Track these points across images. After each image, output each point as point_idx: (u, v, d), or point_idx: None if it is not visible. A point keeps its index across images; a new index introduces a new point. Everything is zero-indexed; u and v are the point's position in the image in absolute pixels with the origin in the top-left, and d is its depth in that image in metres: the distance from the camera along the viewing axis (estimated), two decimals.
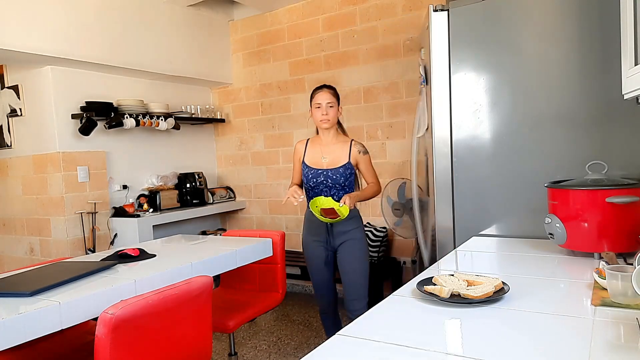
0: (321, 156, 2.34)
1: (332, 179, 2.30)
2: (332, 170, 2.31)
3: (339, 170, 2.31)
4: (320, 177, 2.31)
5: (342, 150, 2.35)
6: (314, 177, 2.31)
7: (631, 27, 1.21)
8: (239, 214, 4.64)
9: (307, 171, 2.34)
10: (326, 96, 2.30)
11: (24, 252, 3.69)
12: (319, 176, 2.31)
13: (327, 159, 2.34)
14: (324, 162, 2.34)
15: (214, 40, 4.39)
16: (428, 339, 0.87)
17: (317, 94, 2.32)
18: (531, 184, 1.75)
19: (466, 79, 1.89)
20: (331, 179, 2.30)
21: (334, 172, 2.30)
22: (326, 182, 2.30)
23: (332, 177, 2.30)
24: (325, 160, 2.34)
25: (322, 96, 2.30)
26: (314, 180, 2.31)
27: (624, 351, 0.79)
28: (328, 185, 2.30)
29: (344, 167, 2.31)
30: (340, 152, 2.34)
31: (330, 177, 2.30)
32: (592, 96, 1.66)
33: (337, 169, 2.31)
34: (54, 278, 1.65)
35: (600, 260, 1.35)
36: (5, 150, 3.69)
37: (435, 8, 1.93)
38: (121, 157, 3.80)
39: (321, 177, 2.31)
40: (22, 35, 2.93)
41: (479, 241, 1.78)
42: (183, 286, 1.56)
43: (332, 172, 2.31)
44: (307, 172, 2.34)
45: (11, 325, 1.31)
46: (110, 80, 3.71)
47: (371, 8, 3.76)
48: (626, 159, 1.60)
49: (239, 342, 3.21)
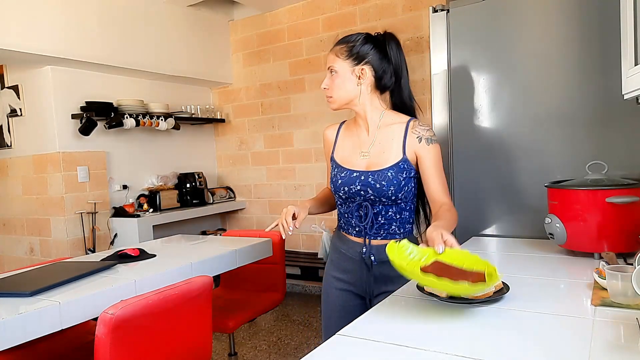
0: (359, 150, 1.49)
1: (376, 189, 1.40)
2: (376, 174, 1.41)
3: (387, 173, 1.40)
4: (355, 185, 1.43)
5: (394, 139, 1.44)
6: (347, 184, 1.45)
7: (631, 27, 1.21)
8: (239, 214, 4.64)
9: (337, 173, 1.49)
10: (331, 57, 1.46)
11: (24, 252, 3.69)
12: (353, 182, 1.44)
13: (367, 154, 1.47)
14: (362, 160, 1.47)
15: (214, 40, 4.39)
16: (428, 339, 0.87)
17: None
18: (531, 184, 1.75)
19: (466, 79, 1.89)
20: (373, 189, 1.41)
21: (378, 177, 1.41)
22: (365, 192, 1.42)
23: (374, 185, 1.41)
24: (364, 157, 1.47)
25: (328, 56, 1.48)
26: (346, 188, 1.45)
27: (624, 351, 0.79)
28: (369, 198, 1.42)
29: (397, 168, 1.41)
30: (391, 142, 1.44)
31: (372, 186, 1.41)
32: (592, 96, 1.65)
33: (384, 171, 1.41)
34: (54, 278, 1.65)
35: (600, 260, 1.34)
36: (5, 150, 3.69)
37: (435, 8, 1.93)
38: (121, 157, 3.80)
39: (357, 185, 1.43)
40: (22, 35, 2.93)
41: (479, 241, 1.78)
42: (183, 286, 1.56)
43: (374, 177, 1.41)
44: (337, 175, 1.48)
45: (11, 325, 1.31)
46: (110, 80, 3.71)
47: (371, 8, 3.76)
48: (626, 159, 1.60)
49: (239, 342, 3.21)
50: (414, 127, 1.43)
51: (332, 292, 1.55)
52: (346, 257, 1.51)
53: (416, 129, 1.43)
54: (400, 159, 1.41)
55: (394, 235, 1.44)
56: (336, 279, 1.54)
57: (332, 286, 1.55)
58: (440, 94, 1.95)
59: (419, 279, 1.00)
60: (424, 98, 3.56)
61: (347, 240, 1.51)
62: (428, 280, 0.97)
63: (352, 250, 1.49)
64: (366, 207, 1.44)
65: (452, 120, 1.93)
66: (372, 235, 1.45)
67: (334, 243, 1.59)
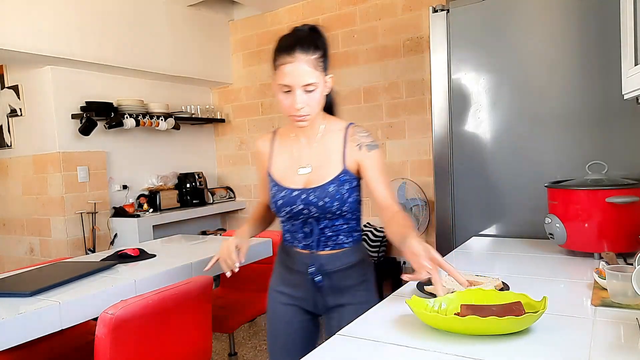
0: (297, 165, 1.35)
1: (319, 207, 1.30)
2: (317, 191, 1.30)
3: (328, 189, 1.29)
4: (297, 204, 1.31)
5: (332, 150, 1.33)
6: (288, 204, 1.32)
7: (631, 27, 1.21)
8: (239, 214, 4.64)
9: (276, 192, 1.35)
10: (300, 69, 1.20)
11: (24, 252, 3.69)
12: (294, 202, 1.31)
13: (306, 169, 1.34)
14: (301, 177, 1.34)
15: (214, 40, 4.39)
16: (428, 339, 0.87)
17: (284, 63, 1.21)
18: (531, 184, 1.75)
19: (466, 79, 1.88)
20: (317, 206, 1.30)
21: (320, 195, 1.29)
22: (309, 211, 1.31)
23: (316, 202, 1.29)
24: (303, 172, 1.34)
25: (293, 69, 1.20)
26: (288, 208, 1.33)
27: (624, 351, 0.79)
28: (313, 215, 1.32)
29: (338, 182, 1.30)
30: (330, 153, 1.33)
31: (315, 204, 1.29)
32: (592, 96, 1.65)
33: (325, 187, 1.29)
34: (54, 278, 1.65)
35: (600, 260, 1.34)
36: (5, 150, 3.68)
37: (435, 8, 1.93)
38: (121, 157, 3.80)
39: (299, 204, 1.31)
40: (22, 35, 2.93)
41: (479, 241, 1.78)
42: (183, 286, 1.56)
43: (316, 194, 1.30)
44: (276, 195, 1.35)
45: (11, 325, 1.31)
46: (110, 80, 3.71)
47: (371, 8, 3.76)
48: (626, 159, 1.60)
49: (239, 342, 3.21)
50: (353, 135, 1.32)
51: (278, 308, 1.43)
52: (293, 270, 1.40)
53: (355, 136, 1.32)
54: (340, 171, 1.31)
55: (342, 245, 1.36)
56: (282, 293, 1.43)
57: (278, 301, 1.43)
58: (440, 94, 1.95)
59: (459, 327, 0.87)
60: (424, 98, 3.56)
61: (293, 253, 1.40)
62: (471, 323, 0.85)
63: (300, 263, 1.38)
64: (311, 224, 1.34)
65: (452, 120, 1.93)
66: (321, 248, 1.36)
67: (279, 256, 1.49)
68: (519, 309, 0.88)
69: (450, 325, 0.88)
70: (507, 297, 0.96)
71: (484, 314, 0.86)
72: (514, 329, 0.86)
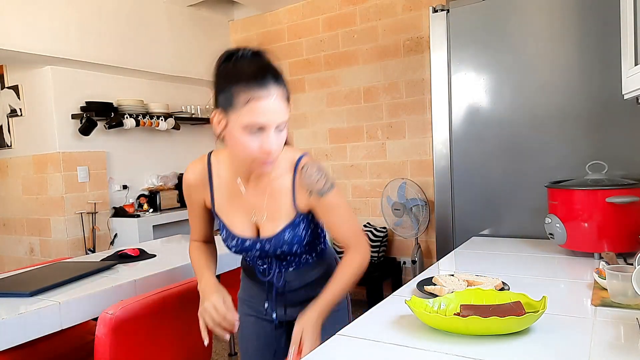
0: (246, 210, 1.20)
1: (276, 254, 1.22)
2: (272, 241, 1.19)
3: (283, 237, 1.18)
4: (253, 251, 1.23)
5: (282, 192, 1.18)
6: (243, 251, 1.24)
7: (631, 27, 1.21)
8: None
9: (227, 237, 1.24)
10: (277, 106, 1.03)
11: (24, 252, 3.69)
12: (250, 249, 1.22)
13: (258, 215, 1.19)
14: (253, 225, 1.21)
15: (214, 40, 4.39)
16: (428, 339, 0.87)
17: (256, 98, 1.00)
18: (531, 184, 1.75)
19: (466, 79, 1.88)
20: (274, 254, 1.22)
21: (276, 244, 1.19)
22: (266, 255, 1.24)
23: (274, 251, 1.20)
24: (258, 219, 1.20)
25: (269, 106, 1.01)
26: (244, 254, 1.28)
27: (624, 351, 0.79)
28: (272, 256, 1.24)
29: (292, 226, 1.18)
30: (279, 196, 1.18)
31: (272, 252, 1.21)
32: (592, 96, 1.65)
33: (280, 235, 1.18)
34: (54, 278, 1.65)
35: (600, 260, 1.34)
36: (5, 150, 3.68)
37: (435, 8, 1.93)
38: (121, 157, 3.80)
39: (255, 251, 1.23)
40: (22, 35, 2.93)
41: (479, 241, 1.78)
42: (183, 286, 1.56)
43: (272, 244, 1.19)
44: (228, 240, 1.24)
45: (11, 325, 1.31)
46: (110, 80, 3.71)
47: (371, 8, 3.76)
48: (626, 159, 1.60)
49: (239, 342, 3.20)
50: (302, 178, 1.15)
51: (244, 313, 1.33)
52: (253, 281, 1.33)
53: (305, 181, 1.15)
54: (294, 216, 1.17)
55: (306, 264, 1.27)
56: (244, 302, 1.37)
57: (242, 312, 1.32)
58: (440, 94, 1.95)
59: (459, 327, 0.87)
60: (424, 98, 3.56)
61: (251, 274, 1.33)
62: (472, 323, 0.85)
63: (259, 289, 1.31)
64: (271, 261, 1.25)
65: (452, 120, 1.93)
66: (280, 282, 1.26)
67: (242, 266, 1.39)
68: (519, 309, 0.88)
69: (450, 325, 0.88)
70: (506, 297, 0.96)
71: (483, 314, 0.86)
72: (514, 329, 0.86)
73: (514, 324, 0.84)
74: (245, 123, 1.00)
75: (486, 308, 0.90)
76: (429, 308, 0.95)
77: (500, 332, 0.85)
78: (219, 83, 1.06)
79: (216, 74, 1.08)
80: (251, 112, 0.99)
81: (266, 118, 1.00)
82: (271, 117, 1.01)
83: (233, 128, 1.02)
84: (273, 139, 1.03)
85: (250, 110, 0.99)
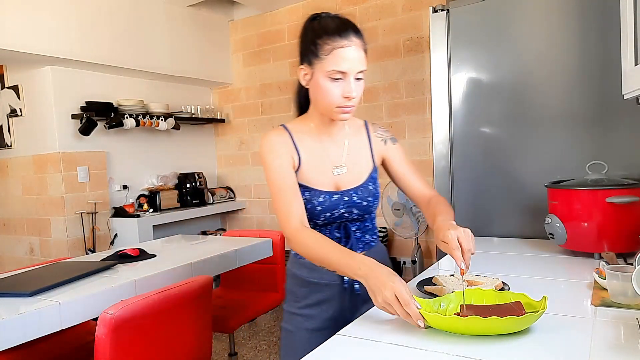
0: (331, 166, 1.23)
1: (362, 207, 1.24)
2: (359, 191, 1.23)
3: (369, 187, 1.25)
4: (339, 208, 1.21)
5: (361, 146, 1.28)
6: (328, 210, 1.21)
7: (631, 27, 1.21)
8: (239, 214, 4.64)
9: (311, 197, 1.20)
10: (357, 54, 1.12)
11: (24, 252, 3.69)
12: (336, 206, 1.21)
13: (341, 169, 1.24)
14: (338, 178, 1.23)
15: (214, 40, 4.39)
16: (428, 339, 0.87)
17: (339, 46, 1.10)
18: (531, 184, 1.75)
19: (466, 79, 1.88)
20: (360, 207, 1.24)
21: (363, 195, 1.23)
22: (350, 213, 1.23)
23: (360, 204, 1.23)
24: (339, 172, 1.23)
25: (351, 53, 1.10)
26: (328, 214, 1.21)
27: (624, 351, 0.79)
28: (351, 218, 1.25)
29: (372, 180, 1.27)
30: (359, 150, 1.27)
31: (358, 205, 1.23)
32: (592, 96, 1.65)
33: (365, 186, 1.24)
34: (54, 278, 1.65)
35: (600, 260, 1.34)
36: (5, 150, 3.69)
37: (435, 8, 1.93)
38: (121, 157, 3.80)
39: (341, 208, 1.22)
40: (22, 35, 2.93)
41: (479, 241, 1.78)
42: (183, 286, 1.56)
43: (360, 195, 1.23)
44: (312, 200, 1.20)
45: (11, 325, 1.31)
46: (110, 80, 3.71)
47: (371, 8, 3.76)
48: (626, 159, 1.60)
49: (239, 342, 3.21)
50: (375, 131, 1.31)
51: (301, 334, 1.23)
52: (320, 285, 1.24)
53: (377, 132, 1.31)
54: (372, 168, 1.28)
55: (369, 244, 1.30)
56: (306, 317, 1.24)
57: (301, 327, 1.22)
58: (440, 94, 1.95)
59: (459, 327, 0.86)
60: (424, 98, 3.56)
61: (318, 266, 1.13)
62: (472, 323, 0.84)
63: (328, 274, 1.19)
64: (345, 227, 1.25)
65: (452, 120, 1.93)
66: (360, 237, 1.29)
67: (294, 275, 1.29)
68: (519, 309, 0.88)
69: (450, 325, 0.87)
70: (506, 297, 0.96)
71: (483, 314, 0.86)
72: (514, 329, 0.85)
73: (513, 324, 0.84)
74: (329, 69, 1.10)
75: (486, 308, 0.90)
76: (429, 308, 0.95)
77: (500, 332, 0.85)
78: (305, 39, 1.16)
79: (302, 33, 1.18)
80: (334, 60, 1.10)
81: (347, 65, 1.10)
82: (352, 64, 1.10)
83: (318, 77, 1.13)
84: (353, 85, 1.12)
85: (334, 57, 1.10)
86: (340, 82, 1.11)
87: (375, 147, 1.29)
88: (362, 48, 1.13)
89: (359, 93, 1.15)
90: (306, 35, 1.16)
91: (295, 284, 1.29)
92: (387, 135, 1.32)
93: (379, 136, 1.30)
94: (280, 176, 1.18)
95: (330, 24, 1.13)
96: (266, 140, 1.22)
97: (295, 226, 1.13)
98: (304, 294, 1.26)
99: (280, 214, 1.15)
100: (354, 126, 1.30)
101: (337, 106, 1.14)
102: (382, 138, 1.30)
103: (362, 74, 1.14)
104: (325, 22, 1.15)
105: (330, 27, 1.12)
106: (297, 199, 1.17)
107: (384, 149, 1.30)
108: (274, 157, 1.19)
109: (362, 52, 1.13)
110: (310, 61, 1.14)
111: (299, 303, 1.27)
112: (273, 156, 1.19)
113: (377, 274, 0.96)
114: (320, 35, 1.12)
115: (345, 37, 1.11)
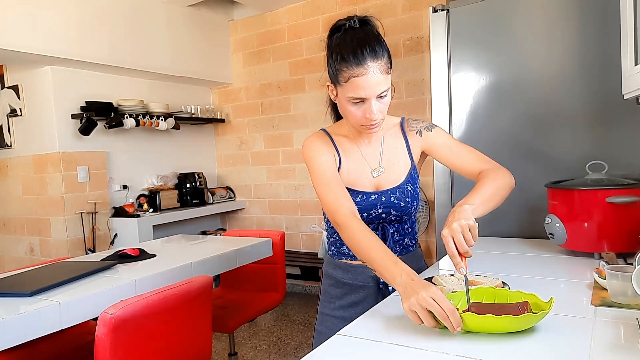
0: (368, 167, 1.26)
1: (400, 208, 1.24)
2: (397, 192, 1.24)
3: (407, 188, 1.25)
4: (377, 208, 1.23)
5: (397, 146, 1.28)
6: (366, 210, 1.23)
7: (631, 27, 1.21)
8: (239, 214, 4.64)
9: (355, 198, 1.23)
10: (375, 80, 1.08)
11: (24, 252, 3.69)
12: (374, 206, 1.23)
13: (379, 170, 1.26)
14: (374, 179, 1.25)
15: (214, 40, 4.39)
16: (428, 339, 0.87)
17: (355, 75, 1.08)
18: (531, 184, 1.75)
19: (466, 79, 1.88)
20: (397, 208, 1.24)
21: (400, 195, 1.24)
22: (387, 214, 1.24)
23: (397, 204, 1.24)
24: (378, 173, 1.25)
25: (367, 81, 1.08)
26: (365, 214, 1.23)
27: (624, 351, 0.79)
28: (388, 219, 1.25)
29: (411, 180, 1.26)
30: (395, 149, 1.27)
31: (396, 206, 1.24)
32: (592, 96, 1.65)
33: (403, 186, 1.25)
34: (54, 278, 1.65)
35: (600, 260, 1.34)
36: (5, 150, 3.69)
37: (435, 8, 1.93)
38: (121, 157, 3.80)
39: (379, 208, 1.23)
40: (22, 35, 2.93)
41: (479, 241, 1.78)
42: (183, 286, 1.56)
43: (397, 196, 1.24)
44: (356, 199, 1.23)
45: (11, 325, 1.31)
46: (110, 80, 3.71)
47: (371, 8, 3.75)
48: (626, 159, 1.60)
49: (239, 342, 3.21)
50: (409, 126, 1.29)
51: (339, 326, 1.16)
52: (354, 287, 1.27)
53: (411, 126, 1.29)
54: (410, 167, 1.26)
55: (408, 249, 1.31)
56: (342, 319, 1.23)
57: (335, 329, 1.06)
58: (440, 94, 1.95)
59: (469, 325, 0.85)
60: (424, 98, 3.56)
61: (353, 267, 1.26)
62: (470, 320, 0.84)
63: (362, 276, 1.26)
64: (383, 229, 1.25)
65: (452, 120, 1.93)
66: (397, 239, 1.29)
67: (330, 275, 1.31)
68: (523, 309, 0.87)
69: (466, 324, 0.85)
70: (517, 297, 0.95)
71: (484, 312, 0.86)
72: (512, 329, 0.85)
73: (511, 323, 0.84)
74: (348, 96, 1.11)
75: (491, 307, 0.90)
76: None
77: (499, 331, 0.85)
78: (329, 58, 1.16)
79: (326, 49, 1.19)
80: (352, 87, 1.10)
81: (365, 92, 1.09)
82: (369, 91, 1.09)
83: (342, 98, 1.15)
84: (374, 107, 1.11)
85: (351, 85, 1.09)
86: (361, 105, 1.12)
87: (412, 143, 1.27)
88: (381, 70, 1.09)
89: (383, 110, 1.14)
90: (330, 54, 1.16)
91: (330, 285, 1.32)
92: (421, 125, 1.28)
93: (413, 129, 1.28)
94: (327, 170, 1.21)
95: (348, 46, 1.10)
96: (308, 141, 1.27)
97: (346, 214, 1.12)
98: (338, 294, 1.30)
99: (330, 205, 1.16)
100: (390, 126, 1.30)
101: (362, 125, 1.16)
102: (417, 130, 1.27)
103: (385, 92, 1.11)
104: (344, 41, 1.13)
105: (348, 51, 1.10)
106: (345, 190, 1.19)
107: (420, 140, 1.27)
108: (318, 154, 1.23)
109: (381, 75, 1.09)
110: (333, 82, 1.16)
111: (333, 304, 1.30)
112: (317, 153, 1.23)
113: (415, 286, 0.90)
114: (337, 61, 1.12)
115: (362, 65, 1.08)
